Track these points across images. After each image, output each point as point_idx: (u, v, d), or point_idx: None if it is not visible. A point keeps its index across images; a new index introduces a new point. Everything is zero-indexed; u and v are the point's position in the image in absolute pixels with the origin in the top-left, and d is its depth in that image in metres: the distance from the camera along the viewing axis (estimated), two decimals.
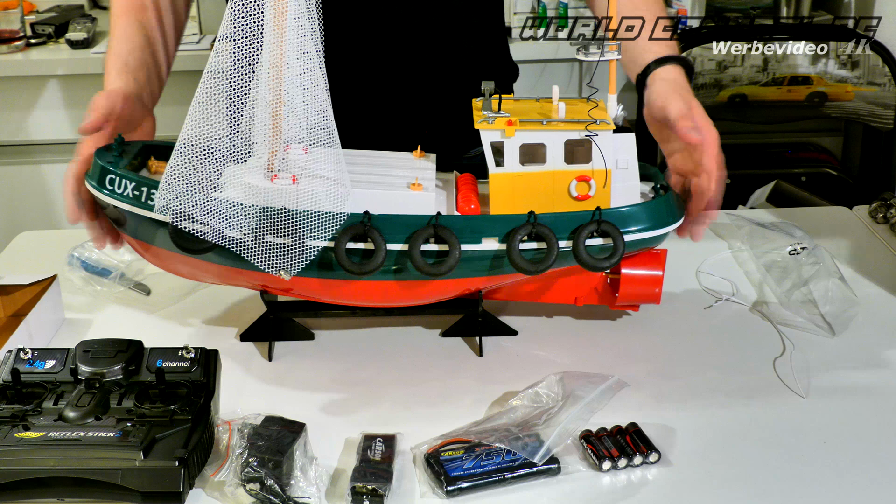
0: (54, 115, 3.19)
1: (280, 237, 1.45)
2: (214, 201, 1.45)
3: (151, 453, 1.29)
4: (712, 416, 1.50)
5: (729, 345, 1.69)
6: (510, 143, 1.51)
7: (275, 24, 1.40)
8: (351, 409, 1.53)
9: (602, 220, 1.51)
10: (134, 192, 1.53)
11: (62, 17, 3.36)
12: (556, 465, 1.35)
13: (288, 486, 1.29)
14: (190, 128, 1.44)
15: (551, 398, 1.47)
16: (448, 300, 1.65)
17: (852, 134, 3.48)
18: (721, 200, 1.61)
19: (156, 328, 1.76)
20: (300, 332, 1.71)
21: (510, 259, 1.50)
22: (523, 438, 1.37)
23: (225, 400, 1.46)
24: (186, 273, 1.66)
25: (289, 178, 1.45)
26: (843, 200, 2.44)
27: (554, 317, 1.78)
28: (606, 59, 1.54)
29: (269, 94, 1.43)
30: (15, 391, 1.40)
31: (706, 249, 2.00)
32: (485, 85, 1.54)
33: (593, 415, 1.45)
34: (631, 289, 1.63)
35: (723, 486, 1.35)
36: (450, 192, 1.63)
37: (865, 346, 1.67)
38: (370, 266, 1.48)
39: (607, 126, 1.52)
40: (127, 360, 1.43)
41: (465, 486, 1.32)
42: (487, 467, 1.34)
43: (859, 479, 1.36)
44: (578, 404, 1.44)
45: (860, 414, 1.50)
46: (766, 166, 3.32)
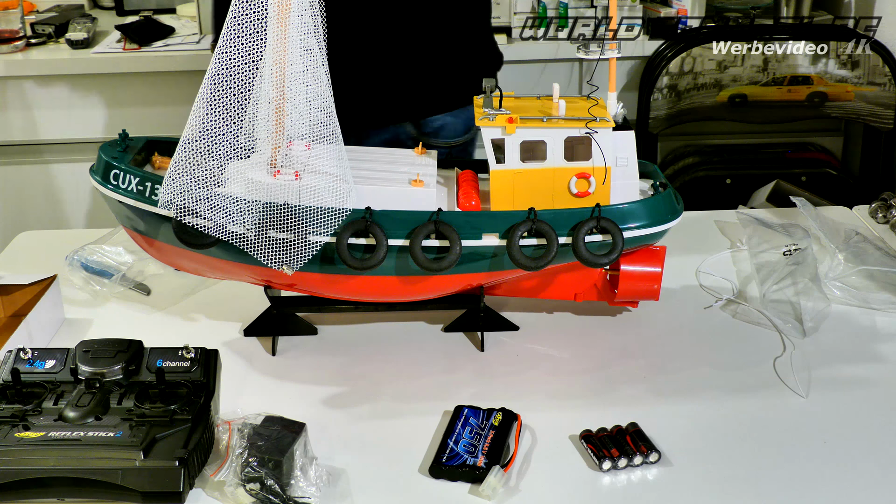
0: (54, 115, 3.19)
1: (283, 233, 1.45)
2: (218, 197, 1.46)
3: (151, 453, 1.29)
4: (712, 415, 1.50)
5: (728, 343, 1.69)
6: (511, 140, 1.52)
7: (278, 21, 1.41)
8: (353, 404, 1.54)
9: (601, 217, 1.52)
10: (138, 187, 1.54)
11: (62, 17, 3.35)
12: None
13: (288, 486, 1.28)
14: (194, 124, 1.45)
15: None
16: (450, 296, 1.65)
17: (852, 134, 3.48)
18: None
19: (156, 328, 1.76)
20: (303, 328, 1.71)
21: (510, 255, 1.50)
22: None
23: (226, 398, 1.46)
24: (190, 268, 1.66)
25: (291, 173, 1.45)
26: (843, 200, 2.44)
27: (554, 313, 1.78)
28: (606, 57, 1.55)
29: (272, 91, 1.43)
30: (15, 391, 1.40)
31: (706, 248, 2.00)
32: (486, 82, 1.55)
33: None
34: (630, 285, 1.63)
35: (723, 486, 1.35)
36: (451, 188, 1.64)
37: (866, 346, 1.67)
38: (372, 261, 1.48)
39: (607, 124, 1.52)
40: (127, 360, 1.43)
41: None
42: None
43: (859, 478, 1.36)
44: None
45: (860, 413, 1.50)
46: (766, 166, 3.31)
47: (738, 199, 3.05)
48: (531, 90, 1.76)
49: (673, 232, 1.62)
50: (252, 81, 1.43)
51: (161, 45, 3.19)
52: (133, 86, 3.19)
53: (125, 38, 3.19)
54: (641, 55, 3.18)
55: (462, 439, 1.39)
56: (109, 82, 3.19)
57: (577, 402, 1.54)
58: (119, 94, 3.20)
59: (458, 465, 1.35)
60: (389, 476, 1.37)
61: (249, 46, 1.41)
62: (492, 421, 1.43)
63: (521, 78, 3.19)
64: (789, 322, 1.71)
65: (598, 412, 1.48)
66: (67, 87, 3.20)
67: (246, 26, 1.40)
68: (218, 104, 1.43)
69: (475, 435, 1.40)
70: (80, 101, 3.20)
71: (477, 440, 1.39)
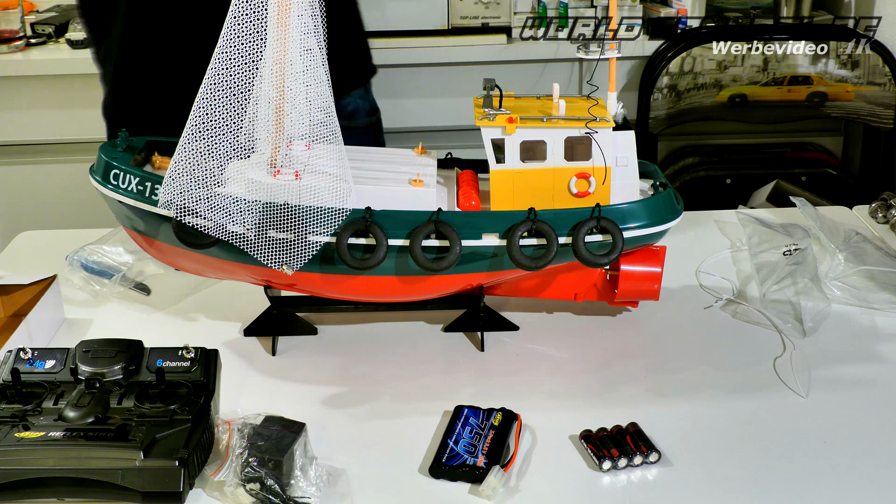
0: (54, 115, 3.19)
1: (283, 233, 1.45)
2: (218, 197, 1.46)
3: (151, 453, 1.29)
4: (712, 415, 1.50)
5: (728, 343, 1.69)
6: (511, 140, 1.52)
7: (278, 21, 1.41)
8: (353, 404, 1.54)
9: (601, 217, 1.52)
10: (138, 187, 1.54)
11: (62, 17, 3.35)
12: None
13: (288, 486, 1.28)
14: (194, 124, 1.45)
15: None
16: (450, 296, 1.65)
17: (852, 134, 3.48)
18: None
19: (156, 328, 1.76)
20: (303, 327, 1.71)
21: (510, 255, 1.50)
22: None
23: (226, 398, 1.46)
24: (190, 268, 1.66)
25: (291, 174, 1.46)
26: (843, 200, 2.44)
27: (554, 313, 1.78)
28: (606, 57, 1.55)
29: (272, 91, 1.44)
30: (15, 391, 1.40)
31: (706, 248, 2.00)
32: (485, 82, 1.55)
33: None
34: (630, 285, 1.63)
35: (723, 486, 1.35)
36: (451, 188, 1.64)
37: (865, 346, 1.67)
38: (372, 261, 1.48)
39: (607, 124, 1.52)
40: (127, 360, 1.43)
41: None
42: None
43: (859, 478, 1.36)
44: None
45: (860, 413, 1.50)
46: (766, 166, 3.31)
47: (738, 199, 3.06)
48: (531, 90, 1.76)
49: (673, 232, 1.62)
50: (252, 81, 1.43)
51: None
52: None
53: None
54: (641, 55, 3.18)
55: (462, 439, 1.39)
56: None
57: (577, 402, 1.54)
58: None
59: (458, 465, 1.35)
60: (389, 476, 1.37)
61: (249, 46, 1.42)
62: (492, 421, 1.43)
63: (521, 78, 3.19)
64: (789, 322, 1.71)
65: (598, 412, 1.48)
66: (67, 87, 3.20)
67: (246, 26, 1.40)
68: (218, 104, 1.43)
69: (475, 435, 1.40)
70: (80, 101, 3.20)
71: (477, 440, 1.39)
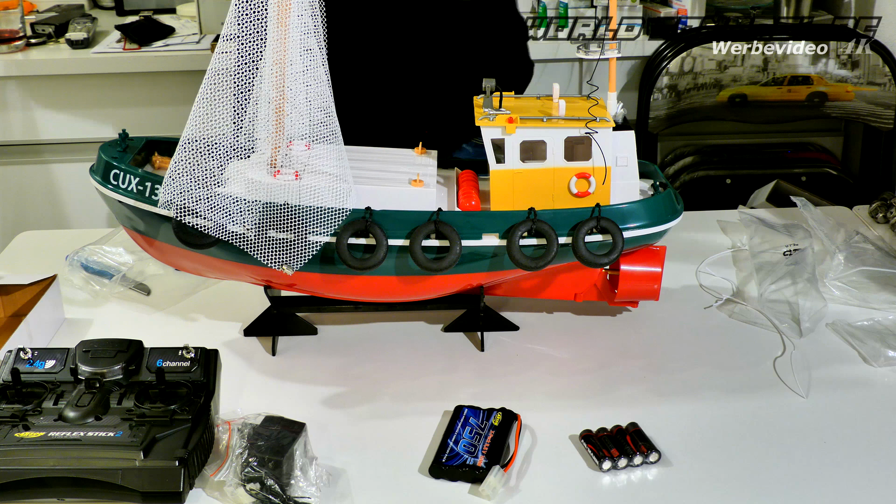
0: (54, 115, 3.19)
1: (283, 233, 1.45)
2: (218, 197, 1.46)
3: (151, 453, 1.29)
4: (712, 415, 1.50)
5: (728, 343, 1.69)
6: (511, 139, 1.52)
7: (278, 21, 1.41)
8: (353, 404, 1.54)
9: (601, 217, 1.52)
10: (138, 187, 1.54)
11: (62, 17, 3.35)
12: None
13: (288, 486, 1.28)
14: (194, 124, 1.45)
15: None
16: (450, 296, 1.65)
17: (852, 134, 3.48)
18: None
19: (156, 328, 1.76)
20: (303, 327, 1.71)
21: (510, 255, 1.50)
22: None
23: (226, 398, 1.46)
24: (190, 268, 1.66)
25: (291, 174, 1.46)
26: (843, 200, 2.44)
27: (554, 313, 1.78)
28: (606, 57, 1.55)
29: (272, 91, 1.44)
30: (15, 391, 1.40)
31: (706, 248, 2.00)
32: (486, 82, 1.55)
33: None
34: (630, 285, 1.63)
35: (723, 485, 1.35)
36: (451, 188, 1.64)
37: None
38: (372, 261, 1.48)
39: (607, 124, 1.52)
40: (127, 360, 1.43)
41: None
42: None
43: (859, 478, 1.36)
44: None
45: (860, 413, 1.50)
46: (766, 166, 3.31)
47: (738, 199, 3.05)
48: (531, 90, 1.76)
49: (673, 232, 1.62)
50: (252, 81, 1.43)
51: (161, 45, 3.19)
52: (133, 86, 3.19)
53: (125, 38, 3.19)
54: (641, 55, 3.18)
55: (462, 439, 1.39)
56: (109, 82, 3.19)
57: (577, 402, 1.54)
58: (119, 94, 3.20)
59: (458, 465, 1.35)
60: (389, 476, 1.37)
61: (249, 46, 1.42)
62: (492, 421, 1.43)
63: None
64: (786, 322, 1.71)
65: (598, 412, 1.48)
66: (67, 87, 3.20)
67: (246, 26, 1.40)
68: (218, 104, 1.43)
69: (475, 435, 1.40)
70: (80, 101, 3.20)
71: (477, 440, 1.39)
